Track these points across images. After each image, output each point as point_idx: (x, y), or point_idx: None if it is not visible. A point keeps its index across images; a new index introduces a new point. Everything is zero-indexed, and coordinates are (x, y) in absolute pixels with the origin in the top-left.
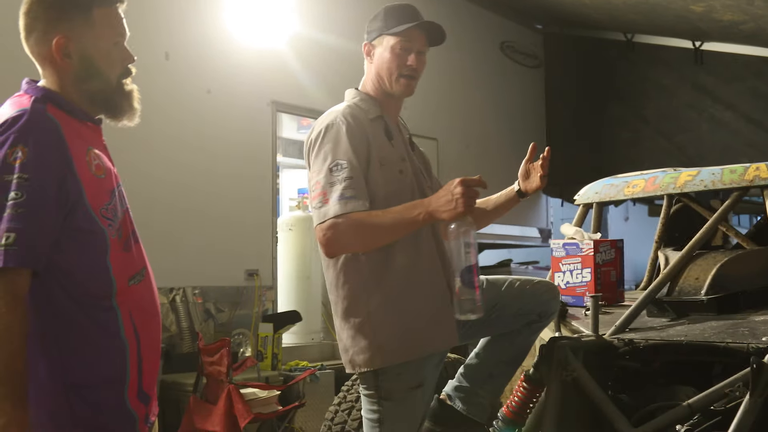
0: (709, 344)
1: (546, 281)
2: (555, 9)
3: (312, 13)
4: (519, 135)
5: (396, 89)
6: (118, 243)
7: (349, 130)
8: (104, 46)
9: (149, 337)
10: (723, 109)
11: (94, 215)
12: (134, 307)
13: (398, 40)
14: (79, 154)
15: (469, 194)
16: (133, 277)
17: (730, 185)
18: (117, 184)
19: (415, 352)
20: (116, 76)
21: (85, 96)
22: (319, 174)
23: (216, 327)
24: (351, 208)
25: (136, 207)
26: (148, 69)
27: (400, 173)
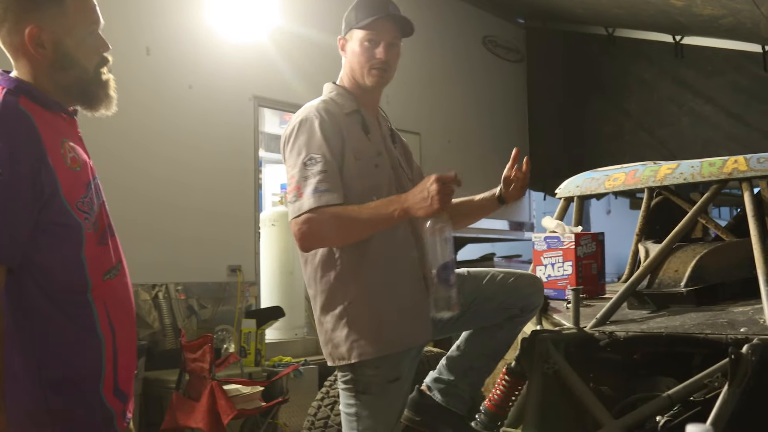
0: (688, 336)
1: (529, 275)
2: (537, 3)
3: (293, 7)
4: (501, 129)
5: (368, 81)
6: (94, 236)
7: (323, 124)
8: (79, 34)
9: (125, 331)
10: (703, 103)
11: (70, 208)
12: (110, 301)
13: (366, 33)
14: (53, 146)
15: (445, 191)
16: (109, 272)
17: (709, 178)
18: (93, 176)
19: (393, 346)
20: (93, 66)
21: (61, 86)
22: (293, 168)
23: (199, 323)
24: (325, 201)
25: (117, 202)
26: (129, 64)
27: (376, 167)
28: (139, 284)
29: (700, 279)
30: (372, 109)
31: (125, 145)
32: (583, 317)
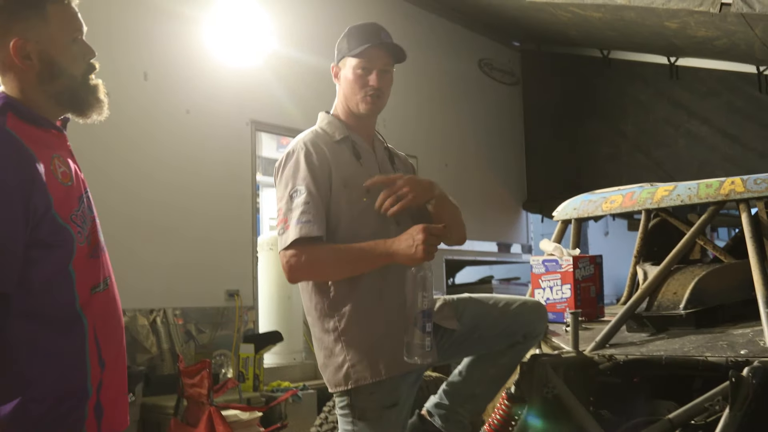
0: (688, 358)
1: (534, 301)
2: (532, 27)
3: (288, 33)
4: (498, 152)
5: (362, 109)
6: (87, 249)
7: (308, 156)
8: (63, 42)
9: (112, 347)
10: (699, 124)
11: (64, 223)
12: (97, 316)
13: (359, 61)
14: (44, 163)
15: (430, 242)
16: (97, 286)
17: (706, 200)
18: (84, 190)
19: (387, 371)
20: (80, 72)
21: (51, 96)
22: (281, 201)
23: (197, 348)
24: (306, 233)
25: (115, 227)
26: (127, 89)
27: (368, 192)
28: (137, 309)
29: (699, 301)
30: (366, 135)
31: (122, 169)
32: (583, 340)
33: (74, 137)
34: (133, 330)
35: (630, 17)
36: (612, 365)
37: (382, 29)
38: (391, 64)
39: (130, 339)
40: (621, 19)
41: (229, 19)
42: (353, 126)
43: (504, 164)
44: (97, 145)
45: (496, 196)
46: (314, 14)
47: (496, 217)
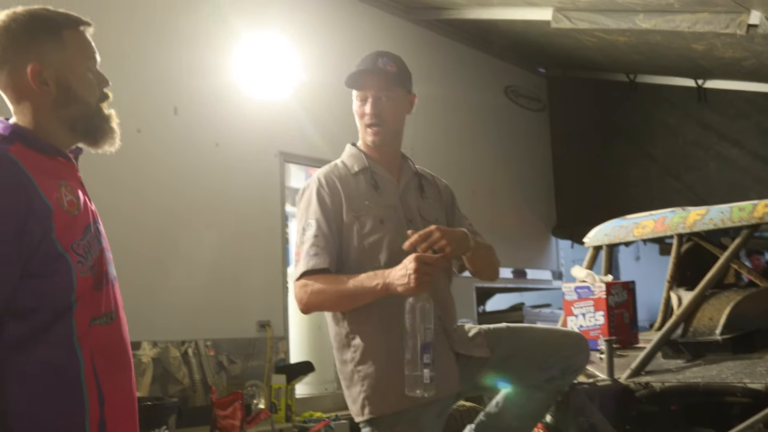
0: (726, 385)
1: (575, 333)
2: (557, 52)
3: (315, 65)
4: (526, 178)
5: (368, 140)
6: (90, 280)
7: (319, 191)
8: (79, 68)
9: (116, 385)
10: (729, 146)
11: (63, 251)
12: (97, 349)
13: (355, 92)
14: (49, 190)
15: (423, 271)
16: (98, 318)
17: (739, 223)
18: (93, 220)
19: (397, 404)
20: (95, 100)
21: (65, 123)
22: (296, 234)
23: (228, 379)
24: (312, 265)
25: (146, 260)
26: (157, 124)
27: (382, 223)
28: (168, 341)
29: (735, 326)
30: (389, 163)
31: (152, 204)
32: (618, 368)
33: (105, 172)
34: (165, 362)
35: (656, 40)
36: (648, 393)
37: (382, 55)
38: (386, 88)
39: (162, 371)
40: (647, 43)
41: (257, 52)
42: (374, 156)
43: (532, 190)
44: (128, 179)
45: (525, 222)
46: (340, 47)
47: (526, 244)
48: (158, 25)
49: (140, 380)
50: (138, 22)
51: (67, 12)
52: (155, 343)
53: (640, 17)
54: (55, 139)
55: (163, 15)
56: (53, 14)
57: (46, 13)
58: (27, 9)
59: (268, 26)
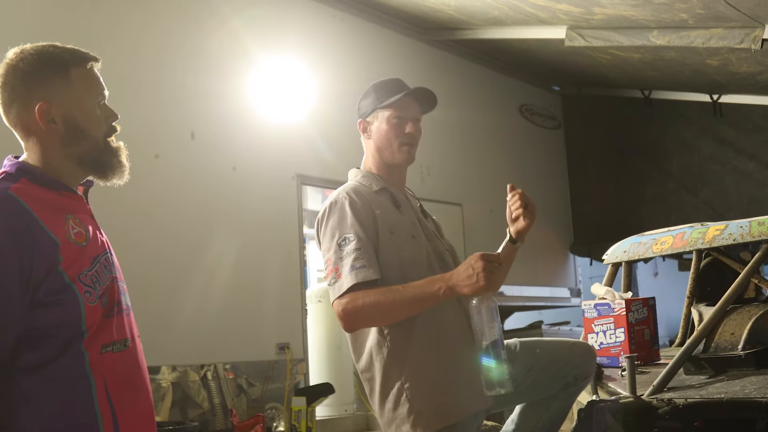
0: (750, 400)
1: (582, 343)
2: (571, 70)
3: (330, 89)
4: (543, 196)
5: (398, 158)
6: (100, 310)
7: (353, 204)
8: (87, 106)
9: (130, 413)
10: (746, 161)
11: (69, 281)
12: (110, 376)
13: (394, 111)
14: (54, 225)
15: (490, 269)
16: (110, 345)
17: (759, 237)
18: (104, 251)
19: (456, 416)
20: (102, 135)
21: (73, 159)
22: (329, 251)
23: (248, 402)
24: (362, 277)
25: (166, 285)
26: (174, 149)
27: (413, 238)
28: (187, 365)
29: (758, 341)
30: (400, 186)
31: (171, 232)
32: (640, 384)
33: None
34: (184, 385)
35: (670, 57)
36: (671, 409)
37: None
38: (421, 114)
39: (182, 395)
40: (661, 59)
41: (273, 76)
42: (387, 178)
43: (549, 208)
44: (145, 205)
45: (543, 240)
46: (356, 69)
47: (544, 262)
48: (174, 51)
49: (160, 405)
50: (154, 48)
51: (75, 49)
52: (174, 368)
53: (654, 34)
54: (65, 174)
55: (179, 41)
56: (60, 52)
57: (54, 50)
58: (35, 47)
59: (283, 50)
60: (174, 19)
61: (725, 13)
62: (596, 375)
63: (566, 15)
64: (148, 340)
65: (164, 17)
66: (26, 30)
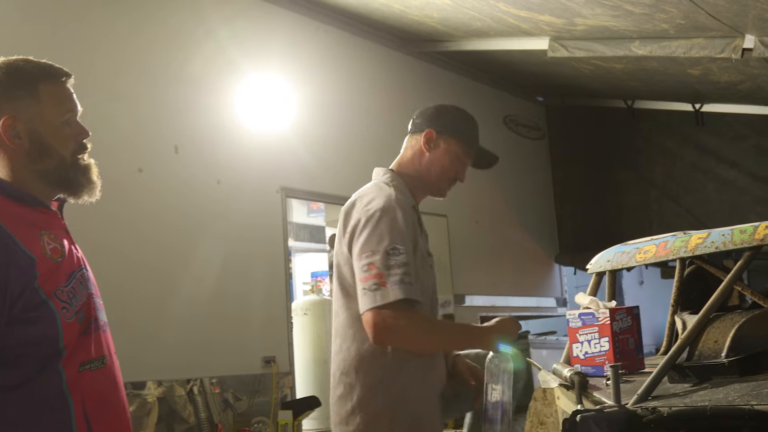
0: (734, 408)
1: None
2: (555, 81)
3: (314, 100)
4: (528, 206)
5: (437, 191)
6: (77, 326)
7: (406, 217)
8: (54, 122)
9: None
10: (728, 169)
11: (45, 297)
12: (88, 394)
13: (469, 157)
14: (29, 241)
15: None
16: (88, 363)
17: (741, 245)
18: (79, 267)
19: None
20: (69, 153)
21: (40, 176)
22: (373, 255)
23: (235, 416)
24: (411, 294)
25: (151, 300)
26: (158, 163)
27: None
28: (173, 379)
29: (741, 348)
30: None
31: (155, 245)
32: (624, 393)
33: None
34: (170, 401)
35: (652, 66)
36: (656, 418)
37: None
38: None
39: (168, 410)
40: (643, 69)
41: (257, 89)
42: (415, 195)
43: (534, 218)
44: (129, 219)
45: (528, 250)
46: (339, 82)
47: (530, 272)
48: (158, 64)
49: (146, 420)
50: (137, 62)
51: (47, 64)
52: (160, 382)
53: (636, 44)
54: (33, 190)
55: (164, 54)
56: (31, 67)
57: (24, 65)
58: (5, 61)
59: (268, 63)
60: (158, 32)
61: (706, 23)
62: (581, 384)
63: (549, 26)
64: (134, 355)
65: (147, 31)
66: (4, 44)
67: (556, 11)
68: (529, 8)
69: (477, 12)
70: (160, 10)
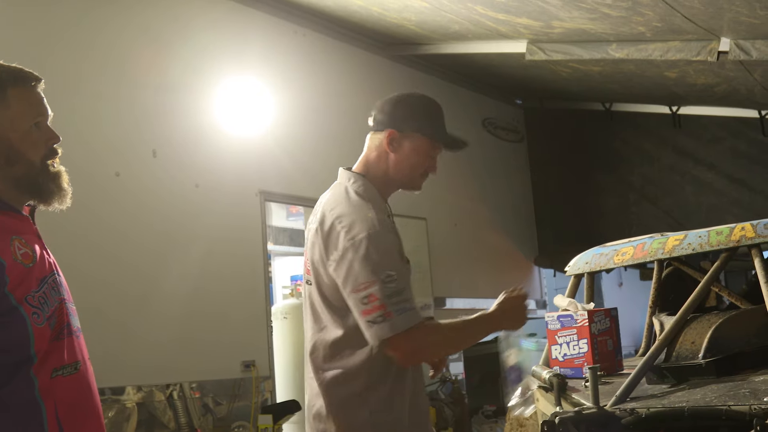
0: (711, 409)
1: None
2: (533, 84)
3: (293, 105)
4: (507, 209)
5: (415, 185)
6: (48, 332)
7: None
8: (23, 127)
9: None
10: (705, 171)
11: (16, 303)
12: (61, 401)
13: (436, 149)
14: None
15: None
16: (61, 369)
17: (717, 247)
18: (51, 272)
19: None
20: (39, 158)
21: (10, 181)
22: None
23: (215, 421)
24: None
25: (128, 305)
26: (136, 167)
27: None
28: (153, 384)
29: (717, 349)
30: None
31: (133, 248)
32: (603, 395)
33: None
34: (150, 406)
35: (629, 69)
36: (634, 419)
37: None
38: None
39: (148, 415)
40: (621, 72)
41: (235, 93)
42: (384, 195)
43: (513, 221)
44: (107, 223)
45: (508, 253)
46: (318, 86)
47: (510, 275)
48: (136, 68)
49: (125, 425)
50: (115, 66)
51: (17, 68)
52: (140, 388)
53: (613, 47)
54: (4, 195)
55: (141, 58)
56: (0, 71)
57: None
58: None
59: (246, 67)
60: (136, 37)
61: (682, 26)
62: (560, 386)
63: (526, 29)
64: (112, 360)
65: (126, 35)
66: None
67: (534, 14)
68: (506, 11)
69: (455, 15)
70: (140, 14)
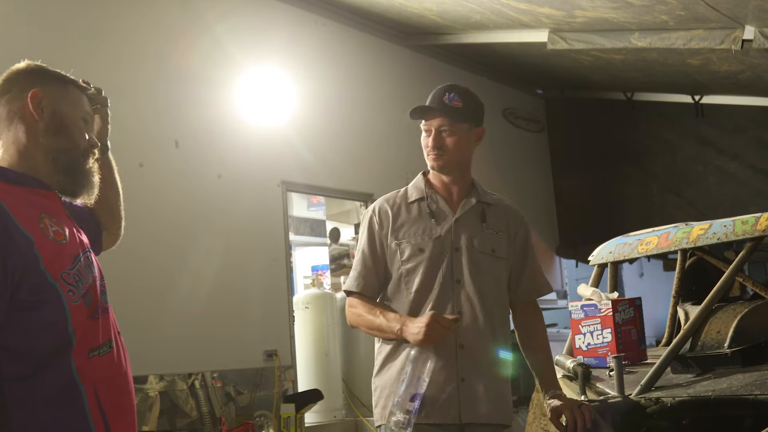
0: (737, 398)
1: None
2: (554, 73)
3: (315, 95)
4: (528, 199)
5: (430, 166)
6: (85, 310)
7: (371, 218)
8: (76, 114)
9: (119, 417)
10: (728, 161)
11: (53, 280)
12: (99, 380)
13: (421, 123)
14: (29, 222)
15: (434, 329)
16: (97, 348)
17: (743, 236)
18: (83, 250)
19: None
20: (83, 146)
21: (50, 153)
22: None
23: (237, 410)
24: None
25: (152, 294)
26: (158, 158)
27: (420, 251)
28: (175, 374)
29: (743, 339)
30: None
31: (156, 239)
32: (627, 384)
33: None
34: (172, 395)
35: (652, 57)
36: (659, 408)
37: (451, 89)
38: (448, 122)
39: (170, 404)
40: (643, 60)
41: (258, 83)
42: (437, 185)
43: (534, 211)
44: (130, 214)
45: None
46: (339, 76)
47: None
48: (158, 59)
49: (148, 414)
50: (137, 57)
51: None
52: (162, 377)
53: (636, 36)
54: (38, 170)
55: (163, 49)
56: (65, 75)
57: (60, 72)
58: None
59: (267, 57)
60: (157, 28)
61: (705, 15)
62: (584, 376)
63: (548, 18)
64: (135, 350)
65: (147, 26)
66: (4, 42)
67: (556, 3)
68: (528, 1)
69: (476, 5)
70: (160, 4)
